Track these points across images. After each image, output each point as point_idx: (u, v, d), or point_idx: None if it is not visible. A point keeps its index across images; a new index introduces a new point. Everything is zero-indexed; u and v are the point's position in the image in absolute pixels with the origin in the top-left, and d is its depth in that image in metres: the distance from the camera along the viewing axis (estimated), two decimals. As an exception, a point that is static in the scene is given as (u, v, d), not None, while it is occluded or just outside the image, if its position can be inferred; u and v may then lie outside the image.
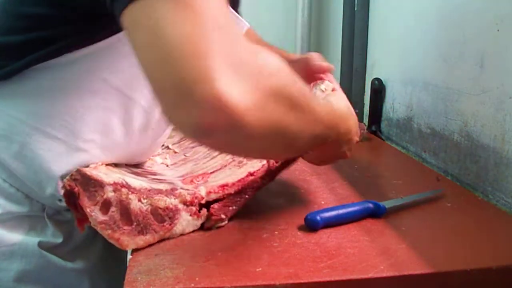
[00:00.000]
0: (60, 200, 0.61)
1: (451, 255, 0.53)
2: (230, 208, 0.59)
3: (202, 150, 0.70)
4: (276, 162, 0.63)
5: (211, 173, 0.63)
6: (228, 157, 0.66)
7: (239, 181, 0.60)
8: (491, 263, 0.51)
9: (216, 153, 0.68)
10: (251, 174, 0.61)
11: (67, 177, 0.52)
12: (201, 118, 0.35)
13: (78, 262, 0.66)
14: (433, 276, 0.49)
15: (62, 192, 0.54)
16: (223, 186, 0.60)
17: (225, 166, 0.64)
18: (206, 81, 0.34)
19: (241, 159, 0.64)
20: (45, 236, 0.62)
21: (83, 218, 0.54)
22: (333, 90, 0.66)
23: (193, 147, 0.73)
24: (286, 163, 0.64)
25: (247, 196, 0.61)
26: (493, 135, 0.73)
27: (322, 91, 0.68)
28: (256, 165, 0.62)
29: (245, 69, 0.36)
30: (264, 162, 0.62)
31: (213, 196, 0.58)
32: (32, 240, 0.61)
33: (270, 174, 0.63)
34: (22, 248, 0.60)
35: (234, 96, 0.35)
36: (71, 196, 0.52)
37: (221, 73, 0.34)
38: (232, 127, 0.36)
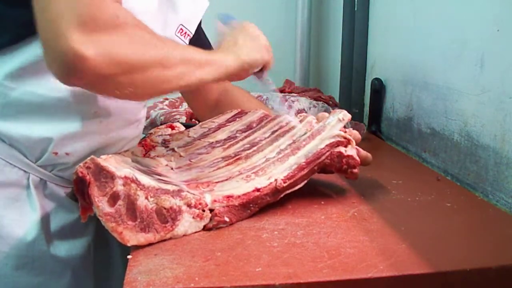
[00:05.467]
0: (56, 154, 0.66)
1: (451, 255, 0.53)
2: (234, 215, 0.60)
3: (209, 159, 0.70)
4: (284, 182, 0.63)
5: (216, 182, 0.63)
6: (235, 170, 0.66)
7: (244, 194, 0.60)
8: (491, 263, 0.51)
9: (223, 163, 0.68)
10: (257, 189, 0.61)
11: (81, 164, 0.53)
12: (62, 67, 0.49)
13: (60, 249, 0.67)
14: (433, 276, 0.49)
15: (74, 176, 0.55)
16: (229, 197, 0.60)
17: (232, 178, 0.64)
18: (61, 40, 0.48)
19: (248, 173, 0.65)
20: (29, 212, 0.63)
21: (88, 207, 0.54)
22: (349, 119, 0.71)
23: (199, 154, 0.73)
24: (293, 184, 0.65)
25: (249, 211, 0.61)
26: (493, 135, 0.73)
27: (340, 120, 0.69)
28: (264, 182, 0.62)
29: (93, 25, 0.49)
30: (272, 180, 0.63)
31: (217, 205, 0.59)
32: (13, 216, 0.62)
33: (275, 193, 0.63)
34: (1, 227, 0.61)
35: (82, 48, 0.47)
36: (81, 184, 0.53)
37: (72, 32, 0.47)
38: (85, 70, 0.48)
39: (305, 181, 0.67)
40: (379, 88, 1.17)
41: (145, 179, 0.56)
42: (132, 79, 0.53)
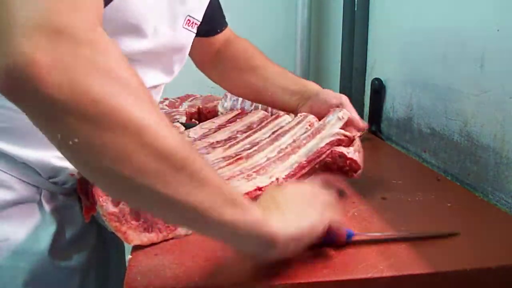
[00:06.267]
0: (72, 175, 0.62)
1: (451, 255, 0.53)
2: None
3: (209, 159, 0.70)
4: (285, 181, 0.63)
5: None
6: (236, 169, 0.66)
7: (246, 193, 0.60)
8: (491, 263, 0.51)
9: (224, 163, 0.68)
10: (259, 188, 0.61)
11: None
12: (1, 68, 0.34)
13: (70, 259, 0.67)
14: (433, 276, 0.49)
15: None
16: None
17: (233, 177, 0.64)
18: (11, 36, 0.34)
19: (249, 172, 0.64)
20: (43, 226, 0.63)
21: (91, 207, 0.54)
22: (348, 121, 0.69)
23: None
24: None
25: None
26: (493, 135, 0.73)
27: (340, 118, 0.69)
28: (265, 181, 0.62)
29: (64, 33, 0.35)
30: (273, 178, 0.63)
31: None
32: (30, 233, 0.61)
33: None
34: (16, 243, 0.60)
35: (37, 52, 0.34)
36: (85, 184, 0.53)
37: (29, 33, 0.34)
38: (30, 79, 0.34)
39: (311, 174, 0.67)
40: (379, 88, 1.17)
41: None
42: (85, 124, 0.35)
